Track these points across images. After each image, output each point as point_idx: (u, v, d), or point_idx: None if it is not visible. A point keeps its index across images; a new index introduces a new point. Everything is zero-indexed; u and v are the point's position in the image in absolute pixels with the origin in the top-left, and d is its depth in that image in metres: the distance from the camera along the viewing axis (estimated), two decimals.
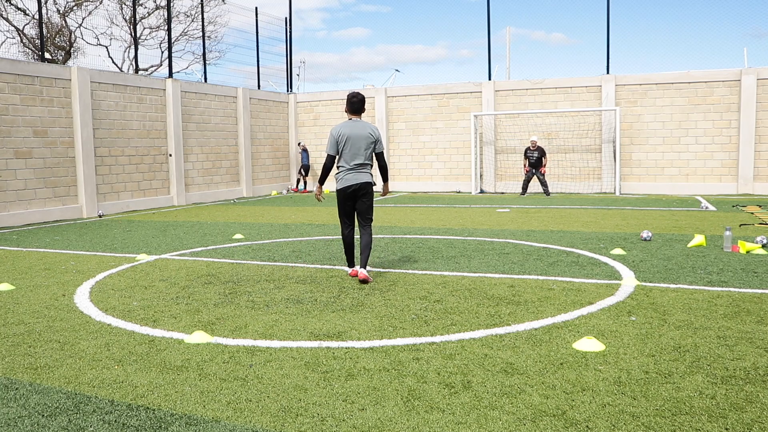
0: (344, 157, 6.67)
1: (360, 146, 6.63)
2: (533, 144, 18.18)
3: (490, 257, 8.02)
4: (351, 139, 6.62)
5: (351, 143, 6.62)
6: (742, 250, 8.03)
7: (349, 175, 6.67)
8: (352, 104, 6.75)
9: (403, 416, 3.37)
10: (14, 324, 5.38)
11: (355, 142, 6.62)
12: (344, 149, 6.65)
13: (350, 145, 6.62)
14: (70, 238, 10.90)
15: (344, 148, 6.65)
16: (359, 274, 6.59)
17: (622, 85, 18.88)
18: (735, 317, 5.09)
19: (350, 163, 6.64)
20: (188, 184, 18.16)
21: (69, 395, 3.76)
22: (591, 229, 10.70)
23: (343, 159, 6.68)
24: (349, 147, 6.62)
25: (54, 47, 26.03)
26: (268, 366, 4.19)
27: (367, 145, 6.68)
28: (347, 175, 6.68)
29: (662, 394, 3.59)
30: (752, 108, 17.60)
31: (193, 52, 31.92)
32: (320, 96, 22.75)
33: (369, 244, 6.77)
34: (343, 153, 6.67)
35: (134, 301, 6.09)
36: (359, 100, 6.75)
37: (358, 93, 6.76)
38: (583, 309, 5.44)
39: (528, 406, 3.46)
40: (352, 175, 6.67)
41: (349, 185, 6.67)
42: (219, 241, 10.02)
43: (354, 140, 6.62)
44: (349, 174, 6.67)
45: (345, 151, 6.65)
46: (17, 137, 13.38)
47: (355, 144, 6.62)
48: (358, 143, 6.63)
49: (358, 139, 6.63)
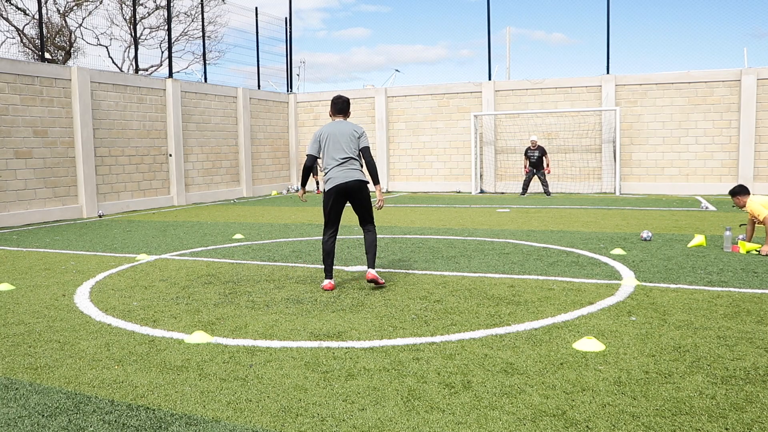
0: (327, 154, 6.37)
1: (341, 141, 6.34)
2: (533, 144, 18.18)
3: (490, 257, 8.02)
4: (332, 136, 6.37)
5: (332, 140, 6.35)
6: (742, 250, 8.03)
7: (336, 172, 6.31)
8: (335, 104, 6.54)
9: (403, 416, 3.37)
10: (14, 324, 5.38)
11: (336, 138, 6.35)
12: (326, 147, 6.38)
13: (332, 142, 6.35)
14: (70, 238, 10.90)
15: (326, 147, 6.38)
16: (368, 274, 6.32)
17: (622, 85, 18.88)
18: (735, 317, 5.09)
19: (335, 158, 6.32)
20: (188, 184, 18.16)
21: (69, 395, 3.76)
22: (591, 229, 10.70)
23: (327, 156, 6.38)
24: (331, 143, 6.35)
25: (54, 47, 26.03)
26: (268, 366, 4.19)
27: (349, 139, 6.36)
28: (334, 173, 6.32)
29: (662, 394, 3.59)
30: (752, 108, 17.60)
31: (193, 52, 31.95)
32: (320, 96, 22.75)
33: (374, 242, 6.49)
34: (326, 152, 6.39)
35: (134, 301, 6.09)
36: (343, 101, 6.54)
37: (341, 95, 6.63)
38: (583, 309, 5.44)
39: (528, 406, 3.46)
40: (341, 172, 6.30)
41: (337, 184, 6.30)
42: (219, 241, 10.02)
43: (335, 136, 6.36)
44: (337, 171, 6.31)
45: (328, 148, 6.37)
46: (17, 137, 13.38)
47: (336, 140, 6.34)
48: (339, 138, 6.35)
49: (340, 134, 6.36)
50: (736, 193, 8.36)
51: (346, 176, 6.30)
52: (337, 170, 6.32)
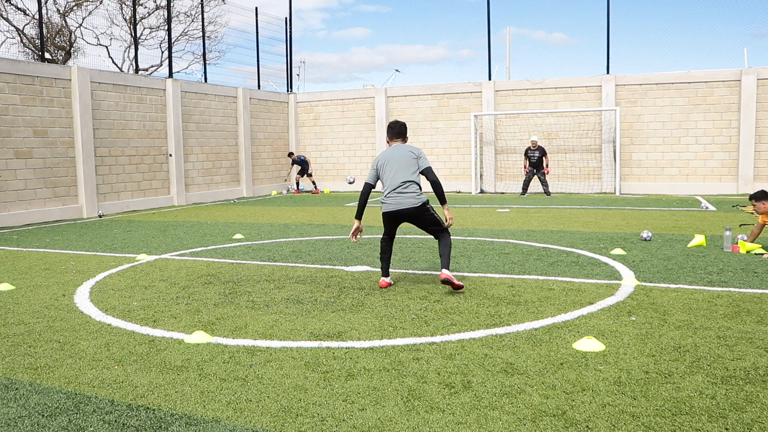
0: (385, 180, 6.36)
1: (399, 164, 6.28)
2: (534, 144, 18.18)
3: (490, 257, 8.02)
4: (390, 161, 6.32)
5: (390, 165, 6.31)
6: (742, 250, 8.03)
7: (390, 198, 6.31)
8: (392, 129, 6.52)
9: (403, 416, 3.37)
10: (14, 324, 5.38)
11: (394, 162, 6.30)
12: (384, 173, 6.36)
13: (390, 167, 6.31)
14: (70, 238, 10.90)
15: (384, 172, 6.36)
16: (442, 274, 6.10)
17: (622, 85, 18.88)
18: (735, 317, 5.09)
19: (392, 183, 6.28)
20: (188, 184, 18.16)
21: (69, 395, 3.76)
22: (591, 229, 10.70)
23: (385, 182, 6.36)
24: (389, 169, 6.31)
25: (54, 47, 26.03)
26: (268, 366, 4.19)
27: (408, 162, 6.29)
28: (389, 199, 6.31)
29: (662, 394, 3.59)
30: (752, 108, 17.60)
31: (193, 52, 31.93)
32: (320, 96, 22.75)
33: (448, 245, 6.30)
34: (383, 177, 6.37)
35: (134, 301, 6.09)
36: (400, 125, 6.53)
37: (397, 120, 6.65)
38: (583, 309, 5.44)
39: (528, 406, 3.46)
40: (396, 198, 6.27)
41: (389, 210, 6.33)
42: (219, 241, 10.02)
43: (393, 160, 6.31)
44: (390, 198, 6.30)
45: (385, 174, 6.34)
46: (17, 137, 13.38)
47: (394, 164, 6.30)
48: (397, 161, 6.29)
49: (398, 158, 6.31)
50: (759, 198, 8.20)
51: (399, 203, 6.27)
52: (392, 196, 6.29)
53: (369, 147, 22.04)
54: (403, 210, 6.27)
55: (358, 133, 22.20)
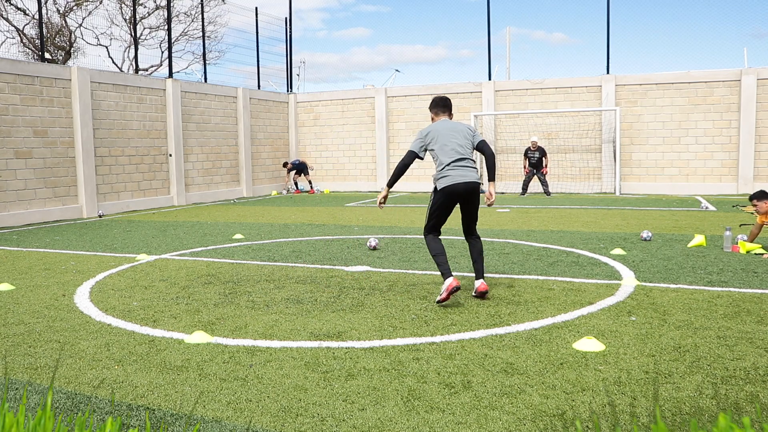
0: (441, 154, 5.76)
1: (457, 138, 5.77)
2: (534, 144, 18.19)
3: (490, 257, 8.02)
4: (442, 134, 5.78)
5: (443, 138, 5.76)
6: (742, 250, 8.03)
7: (454, 171, 5.69)
8: (438, 103, 6.01)
9: (403, 416, 3.37)
10: (14, 324, 5.38)
11: (449, 136, 5.77)
12: (438, 146, 5.77)
13: (443, 140, 5.76)
14: (70, 238, 10.90)
15: (438, 145, 5.77)
16: (480, 286, 5.75)
17: (622, 85, 18.88)
18: (735, 317, 5.09)
19: (450, 157, 5.72)
20: (188, 184, 18.16)
21: (69, 395, 3.76)
22: (591, 229, 10.70)
23: (441, 156, 5.76)
24: (444, 141, 5.75)
25: (54, 47, 26.02)
26: (268, 366, 4.19)
27: (464, 137, 5.80)
28: (451, 171, 5.69)
29: (662, 394, 3.59)
30: (752, 108, 17.60)
31: (193, 52, 31.91)
32: (320, 96, 22.75)
33: (481, 250, 6.03)
34: (438, 151, 5.77)
35: (134, 301, 6.09)
36: (445, 98, 6.03)
37: (440, 94, 6.06)
38: (583, 309, 5.44)
39: (528, 406, 3.46)
40: (459, 171, 5.69)
41: (455, 183, 5.66)
42: (219, 241, 10.02)
43: (447, 134, 5.78)
44: (455, 170, 5.69)
45: (439, 147, 5.76)
46: (17, 137, 13.38)
47: (449, 137, 5.76)
48: (453, 135, 5.77)
49: (453, 132, 5.79)
50: (759, 198, 8.20)
51: (463, 175, 5.70)
52: (454, 170, 5.72)
53: (369, 147, 22.04)
54: (466, 184, 5.69)
55: (358, 133, 22.20)
